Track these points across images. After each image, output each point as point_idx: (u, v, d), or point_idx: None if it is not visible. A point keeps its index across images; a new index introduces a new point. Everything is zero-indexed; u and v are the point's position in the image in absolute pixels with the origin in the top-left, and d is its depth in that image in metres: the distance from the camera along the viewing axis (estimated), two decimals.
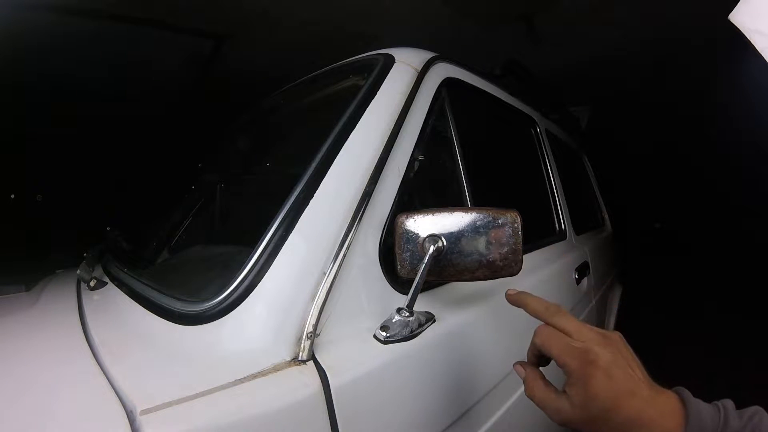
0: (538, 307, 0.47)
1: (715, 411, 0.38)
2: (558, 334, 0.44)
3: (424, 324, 0.55)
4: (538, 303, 0.48)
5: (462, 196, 0.79)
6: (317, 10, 1.87)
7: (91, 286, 0.78)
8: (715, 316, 3.21)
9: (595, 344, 0.42)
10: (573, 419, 0.41)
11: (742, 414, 0.38)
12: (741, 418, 0.37)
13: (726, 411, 0.38)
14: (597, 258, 1.57)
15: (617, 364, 0.41)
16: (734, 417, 0.37)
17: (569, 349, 0.42)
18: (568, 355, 0.42)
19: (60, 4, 1.50)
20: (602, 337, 0.43)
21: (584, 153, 2.36)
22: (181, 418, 0.36)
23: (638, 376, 0.41)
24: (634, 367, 0.42)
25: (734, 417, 0.37)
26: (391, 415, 0.50)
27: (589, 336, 0.43)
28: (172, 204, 1.22)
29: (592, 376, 0.40)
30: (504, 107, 1.17)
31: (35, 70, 1.78)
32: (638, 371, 0.42)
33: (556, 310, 0.46)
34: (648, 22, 2.18)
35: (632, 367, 0.42)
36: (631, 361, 0.42)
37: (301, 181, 0.56)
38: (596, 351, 0.41)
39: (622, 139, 4.33)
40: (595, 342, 0.42)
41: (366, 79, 0.73)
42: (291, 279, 0.49)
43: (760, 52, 0.65)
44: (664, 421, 0.38)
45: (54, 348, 0.55)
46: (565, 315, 0.46)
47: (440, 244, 0.54)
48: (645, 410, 0.39)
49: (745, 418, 0.37)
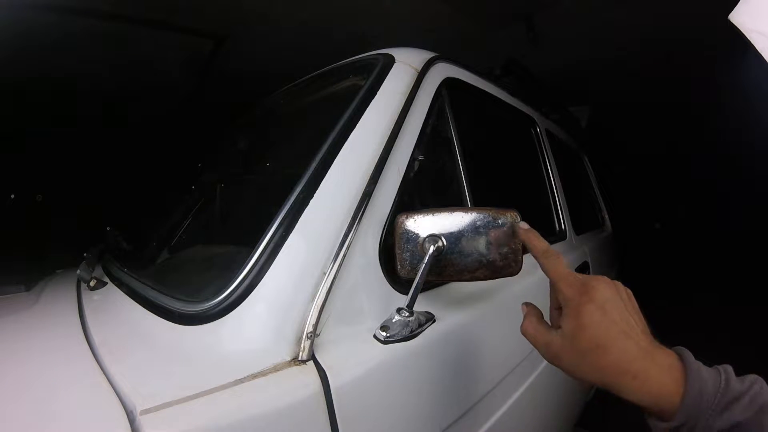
0: (539, 246, 0.47)
1: (716, 373, 0.37)
2: (564, 267, 0.44)
3: (424, 324, 0.55)
4: (541, 244, 0.47)
5: (462, 196, 0.79)
6: (317, 10, 1.87)
7: (91, 286, 0.78)
8: (715, 310, 3.22)
9: (595, 279, 0.41)
10: (561, 354, 0.40)
11: (743, 379, 0.37)
12: (742, 383, 0.36)
13: (727, 374, 0.37)
14: (597, 258, 1.57)
15: (614, 304, 0.39)
16: (735, 381, 0.36)
17: (569, 277, 0.42)
18: (566, 283, 0.42)
19: (60, 4, 1.50)
20: (604, 277, 0.42)
21: (584, 153, 2.36)
22: (181, 418, 0.36)
23: (636, 324, 0.39)
24: (634, 315, 0.40)
25: (735, 381, 0.36)
26: (391, 415, 0.50)
27: (591, 276, 0.43)
28: (172, 204, 1.22)
29: (585, 306, 0.39)
30: (504, 107, 1.17)
31: (35, 70, 1.77)
32: (638, 319, 0.40)
33: (555, 254, 0.46)
34: (648, 22, 2.18)
35: (631, 313, 0.40)
36: (631, 309, 0.41)
37: (301, 181, 0.56)
38: (594, 284, 0.40)
39: (622, 139, 4.33)
40: (596, 278, 0.42)
41: (366, 79, 0.73)
42: (291, 279, 0.49)
43: (760, 52, 0.65)
44: (660, 374, 0.36)
45: (54, 348, 0.55)
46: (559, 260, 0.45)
47: (440, 244, 0.54)
48: (638, 359, 0.37)
49: (746, 384, 0.36)
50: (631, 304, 0.41)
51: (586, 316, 0.38)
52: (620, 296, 0.41)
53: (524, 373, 0.81)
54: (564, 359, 0.40)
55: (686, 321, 3.02)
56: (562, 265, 0.44)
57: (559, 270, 0.44)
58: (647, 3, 1.99)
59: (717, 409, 0.34)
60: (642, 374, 0.36)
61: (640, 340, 0.38)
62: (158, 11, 1.69)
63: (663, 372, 0.36)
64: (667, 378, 0.36)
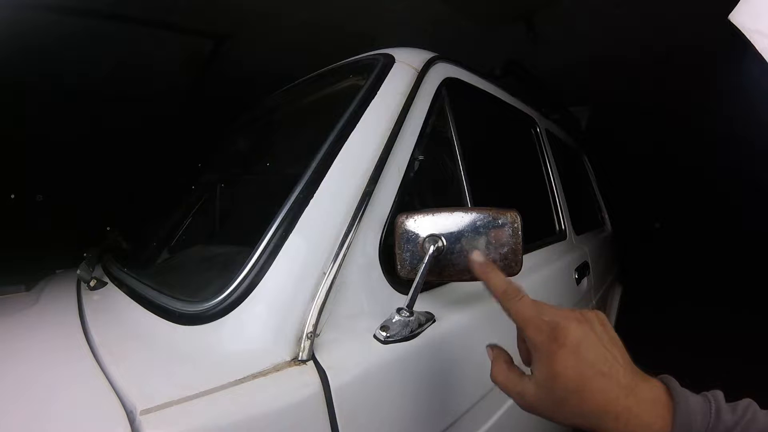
0: (498, 286, 0.43)
1: (705, 403, 0.34)
2: (532, 306, 0.40)
3: (424, 324, 0.55)
4: (499, 282, 0.43)
5: (462, 196, 0.79)
6: (317, 10, 1.87)
7: (91, 286, 0.78)
8: (715, 311, 3.22)
9: (565, 319, 0.38)
10: (537, 404, 0.38)
11: (734, 407, 0.34)
12: (734, 412, 0.33)
13: (717, 403, 0.34)
14: (597, 258, 1.57)
15: (588, 342, 0.36)
16: (726, 410, 0.34)
17: (537, 322, 0.38)
18: (535, 329, 0.38)
19: (60, 4, 1.50)
20: (576, 314, 0.39)
21: (584, 153, 2.36)
22: (181, 418, 0.36)
23: (615, 359, 0.36)
24: (612, 349, 0.37)
25: (726, 410, 0.34)
26: (391, 415, 0.50)
27: (561, 312, 0.39)
28: (172, 204, 1.22)
29: (557, 352, 0.36)
30: (504, 107, 1.17)
31: (35, 70, 1.77)
32: (618, 355, 0.37)
33: (515, 293, 0.41)
34: (648, 23, 2.18)
35: (608, 348, 0.37)
36: (608, 342, 0.38)
37: (301, 181, 0.56)
38: (564, 325, 0.37)
39: (622, 139, 4.33)
40: (567, 317, 0.38)
41: (366, 79, 0.73)
42: (291, 279, 0.49)
43: (760, 52, 0.65)
44: (643, 413, 0.34)
45: (54, 348, 0.55)
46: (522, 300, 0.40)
47: (440, 244, 0.54)
48: (620, 398, 0.34)
49: (738, 412, 0.33)
50: (608, 336, 0.38)
51: (559, 362, 0.35)
52: (594, 332, 0.38)
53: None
54: (540, 408, 0.38)
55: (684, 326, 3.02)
56: (526, 305, 0.40)
57: (524, 313, 0.39)
58: (647, 3, 1.99)
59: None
60: (624, 414, 0.34)
61: (620, 377, 0.35)
62: (158, 11, 1.69)
63: (647, 409, 0.34)
64: (652, 415, 0.34)
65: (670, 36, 2.32)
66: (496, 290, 0.43)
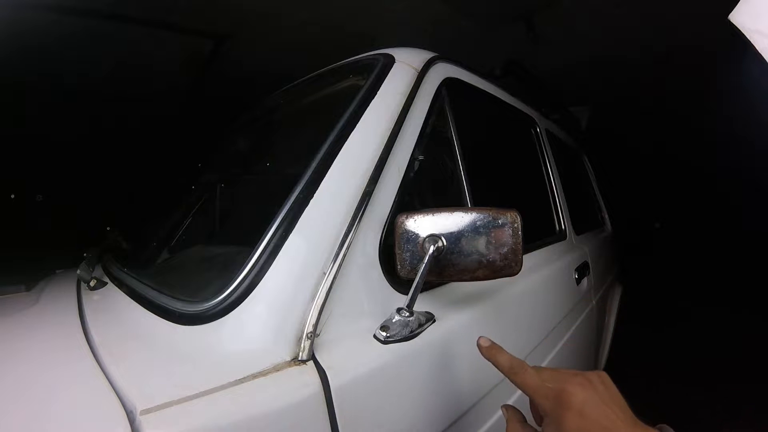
0: (504, 364, 0.47)
1: None
2: (535, 376, 0.44)
3: (424, 324, 0.55)
4: (504, 360, 0.47)
5: (462, 196, 0.79)
6: (317, 10, 1.87)
7: (91, 286, 0.78)
8: (714, 312, 3.22)
9: (569, 384, 0.42)
10: None
11: None
12: None
13: None
14: (597, 258, 1.57)
15: (592, 404, 0.40)
16: None
17: (543, 389, 0.43)
18: (542, 396, 0.42)
19: (60, 4, 1.50)
20: (579, 377, 0.43)
21: (584, 153, 2.36)
22: (181, 418, 0.36)
23: (617, 415, 0.40)
24: (613, 407, 0.41)
25: None
26: (391, 415, 0.50)
27: (565, 377, 0.43)
28: (172, 204, 1.22)
29: (564, 416, 0.40)
30: (504, 107, 1.17)
31: (35, 70, 1.77)
32: (619, 411, 0.41)
33: (520, 367, 0.45)
34: (648, 22, 2.18)
35: (611, 406, 0.41)
36: (610, 401, 0.41)
37: (301, 181, 0.56)
38: (569, 390, 0.41)
39: (622, 139, 4.33)
40: (570, 382, 0.42)
41: (366, 79, 0.73)
42: (291, 279, 0.49)
43: (760, 52, 0.65)
44: None
45: (54, 348, 0.55)
46: (527, 372, 0.45)
47: (440, 244, 0.54)
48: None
49: None
50: (609, 394, 0.42)
51: (566, 425, 0.39)
52: (597, 392, 0.41)
53: None
54: None
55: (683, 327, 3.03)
56: (530, 376, 0.44)
57: (530, 383, 0.44)
58: (647, 3, 1.99)
59: None
60: None
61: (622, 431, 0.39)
62: (158, 11, 1.69)
63: None
64: None
65: (670, 36, 2.32)
66: (503, 368, 0.47)
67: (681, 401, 1.93)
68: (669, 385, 2.11)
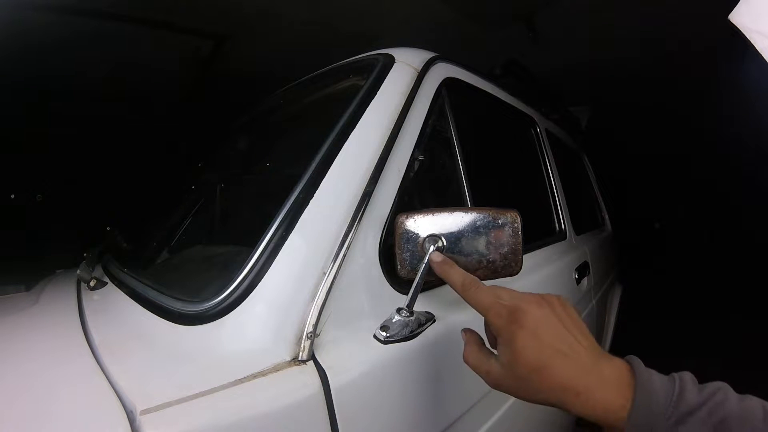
0: (456, 281, 0.45)
1: (669, 383, 0.34)
2: (489, 293, 0.42)
3: (424, 324, 0.55)
4: (457, 276, 0.46)
5: (462, 196, 0.79)
6: (317, 10, 1.88)
7: (91, 286, 0.78)
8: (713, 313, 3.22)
9: (523, 302, 0.40)
10: (502, 381, 0.40)
11: (701, 388, 0.34)
12: (700, 393, 0.33)
13: (683, 383, 0.34)
14: (597, 258, 1.57)
15: (548, 323, 0.38)
16: (692, 391, 0.33)
17: (497, 307, 0.40)
18: (495, 314, 0.40)
19: (60, 4, 1.50)
20: (536, 297, 0.41)
21: (584, 153, 2.36)
22: (181, 418, 0.36)
23: (576, 339, 0.38)
24: (572, 330, 0.39)
25: (692, 391, 0.33)
26: (391, 415, 0.50)
27: (520, 295, 0.41)
28: (172, 204, 1.22)
29: (516, 334, 0.38)
30: (504, 107, 1.17)
31: (35, 70, 1.78)
32: (579, 335, 0.38)
33: (473, 283, 0.44)
34: (648, 22, 2.18)
35: (569, 329, 0.38)
36: (569, 323, 0.39)
37: (301, 181, 0.56)
38: (523, 308, 0.39)
39: (621, 139, 4.33)
40: (525, 299, 0.40)
41: (366, 79, 0.73)
42: (291, 279, 0.49)
43: (760, 52, 0.65)
44: (604, 390, 0.34)
45: (54, 348, 0.55)
46: (480, 289, 0.43)
47: (440, 244, 0.54)
48: (580, 376, 0.35)
49: (705, 394, 0.33)
50: (570, 319, 0.40)
51: (518, 342, 0.37)
52: (555, 314, 0.39)
53: None
54: (505, 386, 0.40)
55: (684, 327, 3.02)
56: (484, 293, 0.42)
57: (483, 300, 0.42)
58: (647, 3, 1.99)
59: (670, 423, 0.32)
60: (584, 391, 0.35)
61: (581, 356, 0.37)
62: (158, 11, 1.69)
63: (609, 386, 0.35)
64: (613, 392, 0.34)
65: (670, 36, 2.32)
66: (455, 284, 0.45)
67: None
68: None
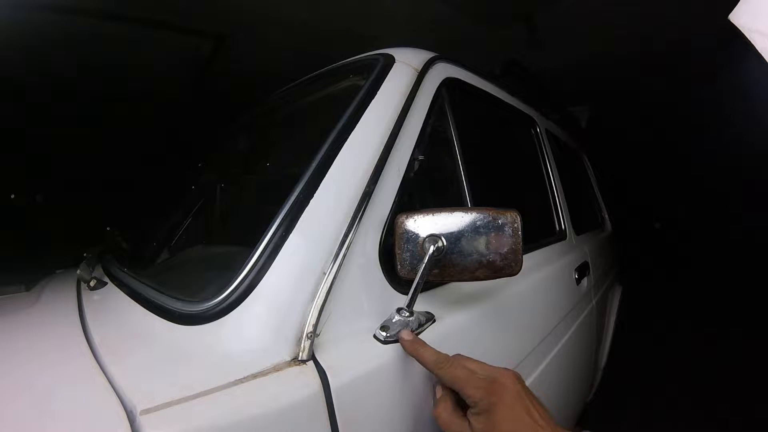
0: (429, 359, 0.47)
1: None
2: (462, 368, 0.45)
3: (424, 324, 0.55)
4: (429, 355, 0.48)
5: (462, 196, 0.79)
6: (317, 11, 1.88)
7: (91, 286, 0.78)
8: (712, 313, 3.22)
9: (501, 376, 0.44)
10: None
11: None
12: None
13: None
14: (597, 258, 1.57)
15: (520, 399, 0.42)
16: None
17: (474, 380, 0.44)
18: (474, 387, 0.43)
19: (60, 4, 1.50)
20: (508, 371, 0.45)
21: (584, 153, 2.36)
22: (181, 418, 0.36)
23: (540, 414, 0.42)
24: (536, 405, 0.43)
25: None
26: (391, 415, 0.50)
27: (494, 369, 0.45)
28: (173, 204, 1.22)
29: (496, 406, 0.41)
30: (504, 107, 1.17)
31: (35, 70, 1.78)
32: (541, 409, 0.43)
33: (446, 361, 0.47)
34: (648, 22, 2.18)
35: (534, 405, 0.43)
36: (533, 399, 0.43)
37: (301, 181, 0.56)
38: (502, 382, 0.43)
39: (622, 139, 4.33)
40: (502, 374, 0.44)
41: (366, 79, 0.73)
42: (291, 279, 0.49)
43: (760, 52, 0.65)
44: None
45: (54, 348, 0.55)
46: (454, 365, 0.46)
47: (440, 244, 0.54)
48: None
49: None
50: (531, 394, 0.44)
51: (497, 415, 0.41)
52: (524, 390, 0.44)
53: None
54: None
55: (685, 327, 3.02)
56: (458, 368, 0.45)
57: (459, 375, 0.45)
58: (647, 3, 1.99)
59: None
60: None
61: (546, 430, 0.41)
62: (158, 11, 1.69)
63: None
64: None
65: (670, 35, 2.32)
66: (427, 362, 0.47)
67: None
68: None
